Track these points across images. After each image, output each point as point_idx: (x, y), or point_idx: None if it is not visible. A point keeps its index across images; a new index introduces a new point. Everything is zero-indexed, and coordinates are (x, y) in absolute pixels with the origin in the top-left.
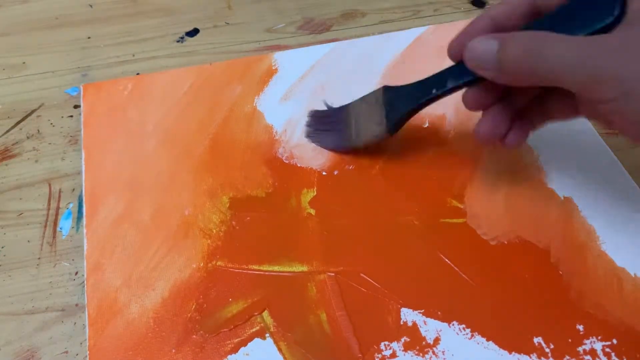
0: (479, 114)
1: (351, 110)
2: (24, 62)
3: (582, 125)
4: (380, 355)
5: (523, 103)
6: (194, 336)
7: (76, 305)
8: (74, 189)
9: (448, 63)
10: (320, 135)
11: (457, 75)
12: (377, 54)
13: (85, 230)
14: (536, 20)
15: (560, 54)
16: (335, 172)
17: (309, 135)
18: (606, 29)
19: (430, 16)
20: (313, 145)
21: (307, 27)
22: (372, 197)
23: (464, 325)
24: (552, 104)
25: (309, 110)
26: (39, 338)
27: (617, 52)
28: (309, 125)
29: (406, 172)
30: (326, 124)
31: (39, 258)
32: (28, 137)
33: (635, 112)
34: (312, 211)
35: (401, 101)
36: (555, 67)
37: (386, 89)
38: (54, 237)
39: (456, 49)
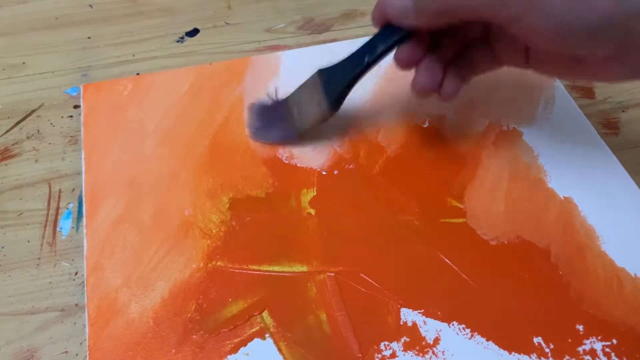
0: (479, 115)
1: (291, 100)
2: (24, 62)
3: (582, 126)
4: (380, 355)
5: (451, 54)
6: (194, 336)
7: (76, 305)
8: (74, 189)
9: None
10: (264, 132)
11: (384, 38)
12: None
13: (85, 230)
14: None
15: None
16: (335, 172)
17: (252, 136)
18: None
19: None
20: (313, 145)
21: (307, 27)
22: (372, 197)
23: (464, 325)
24: (475, 55)
25: (247, 106)
26: (39, 338)
27: None
28: (249, 125)
29: (406, 172)
30: (269, 119)
31: (39, 258)
32: (28, 137)
33: (542, 23)
34: (312, 211)
35: (337, 77)
36: None
37: (321, 71)
38: (54, 237)
39: (378, 14)
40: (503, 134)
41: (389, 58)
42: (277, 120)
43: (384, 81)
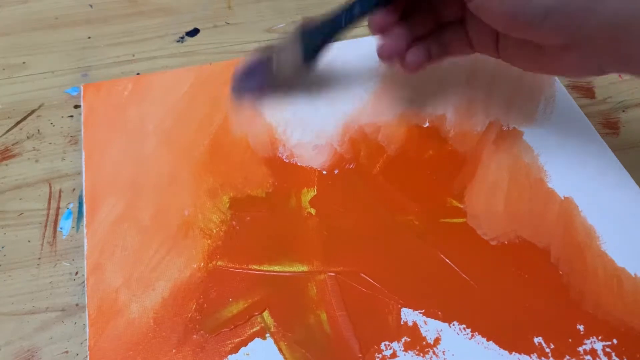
0: (479, 115)
1: (270, 52)
2: (24, 62)
3: (582, 126)
4: (380, 355)
5: (423, 30)
6: (194, 336)
7: (76, 305)
8: (74, 189)
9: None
10: (244, 83)
11: (362, 2)
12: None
13: (85, 230)
14: None
15: None
16: (336, 172)
17: (233, 91)
18: None
19: None
20: (313, 144)
21: None
22: (372, 197)
23: (464, 325)
24: (448, 36)
25: (232, 75)
26: (39, 338)
27: None
28: (231, 80)
29: (406, 172)
30: (249, 71)
31: (39, 258)
32: (28, 137)
33: (498, 4)
34: (312, 211)
35: (315, 34)
36: None
37: (301, 27)
38: (54, 237)
39: None
40: (503, 134)
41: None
42: (256, 71)
43: (384, 81)
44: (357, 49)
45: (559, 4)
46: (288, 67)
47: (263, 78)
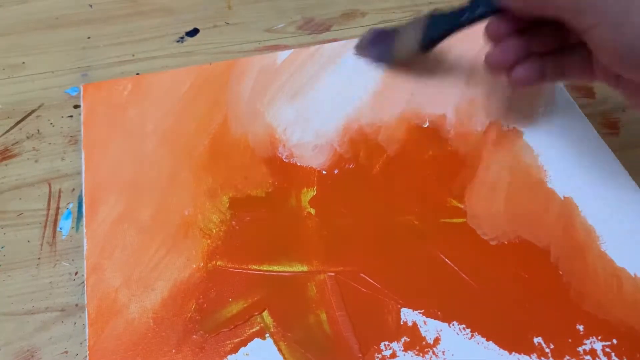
0: (479, 115)
1: (398, 30)
2: (24, 62)
3: (582, 125)
4: (380, 355)
5: (541, 48)
6: (194, 336)
7: (76, 305)
8: (74, 189)
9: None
10: (369, 48)
11: (486, 3)
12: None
13: (85, 230)
14: None
15: None
16: (336, 172)
17: (357, 49)
18: None
19: None
20: (313, 144)
21: (307, 27)
22: (372, 197)
23: (464, 325)
24: (569, 59)
25: (361, 36)
26: (39, 338)
27: None
28: (360, 39)
29: (406, 172)
30: (376, 39)
31: (39, 258)
32: (28, 137)
33: (611, 38)
34: (312, 210)
35: (438, 24)
36: None
37: (430, 15)
38: (54, 237)
39: None
40: (503, 134)
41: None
42: (381, 42)
43: (384, 81)
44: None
45: None
46: (405, 50)
47: (383, 51)
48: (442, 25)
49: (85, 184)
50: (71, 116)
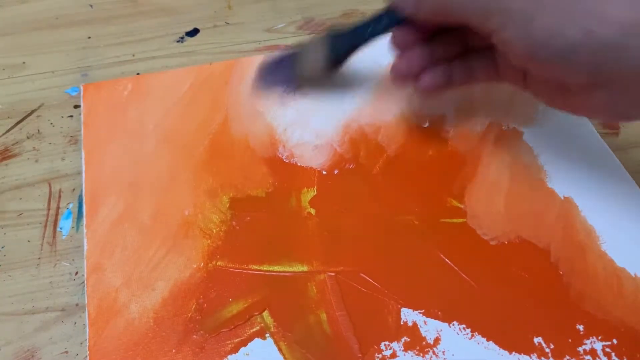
0: (479, 115)
1: (295, 53)
2: (24, 62)
3: (582, 125)
4: (380, 355)
5: (446, 54)
6: (194, 336)
7: (76, 305)
8: (74, 189)
9: None
10: (267, 80)
11: (390, 16)
12: (378, 53)
13: (85, 230)
14: None
15: None
16: (336, 172)
17: (255, 84)
18: None
19: None
20: (313, 144)
21: (307, 27)
22: (372, 197)
23: (464, 325)
24: (475, 62)
25: (257, 67)
26: (39, 338)
27: None
28: (255, 75)
29: (406, 172)
30: (273, 69)
31: (39, 258)
32: (28, 137)
33: (518, 38)
34: (312, 211)
35: (341, 42)
36: (460, 2)
37: (329, 34)
38: (54, 237)
39: None
40: (503, 134)
41: (390, 58)
42: (281, 67)
43: (384, 81)
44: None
45: (580, 44)
46: (311, 70)
47: (287, 75)
48: (346, 42)
49: (86, 184)
50: (71, 116)
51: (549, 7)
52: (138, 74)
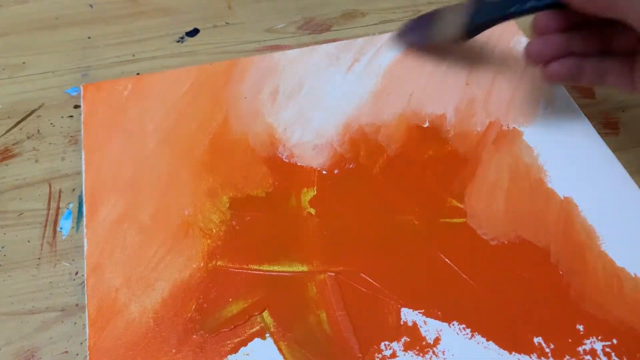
0: (479, 115)
1: (439, 13)
2: (24, 62)
3: (582, 125)
4: (380, 355)
5: (583, 50)
6: (194, 336)
7: (76, 305)
8: (74, 189)
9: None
10: (408, 33)
11: None
12: (377, 53)
13: (85, 230)
14: None
15: None
16: (336, 172)
17: (395, 37)
18: None
19: None
20: (313, 144)
21: (307, 27)
22: (372, 197)
23: (464, 325)
24: (610, 65)
25: (402, 24)
26: (39, 338)
27: None
28: (396, 35)
29: (406, 172)
30: (416, 23)
31: (39, 258)
32: (28, 137)
33: None
34: (312, 210)
35: (483, 12)
36: None
37: (475, 2)
38: (54, 237)
39: None
40: (503, 134)
41: (390, 58)
42: (420, 26)
43: (384, 81)
44: (357, 49)
45: None
46: (446, 35)
47: (421, 35)
48: (489, 13)
49: (86, 184)
50: (71, 116)
51: None
52: (138, 74)
